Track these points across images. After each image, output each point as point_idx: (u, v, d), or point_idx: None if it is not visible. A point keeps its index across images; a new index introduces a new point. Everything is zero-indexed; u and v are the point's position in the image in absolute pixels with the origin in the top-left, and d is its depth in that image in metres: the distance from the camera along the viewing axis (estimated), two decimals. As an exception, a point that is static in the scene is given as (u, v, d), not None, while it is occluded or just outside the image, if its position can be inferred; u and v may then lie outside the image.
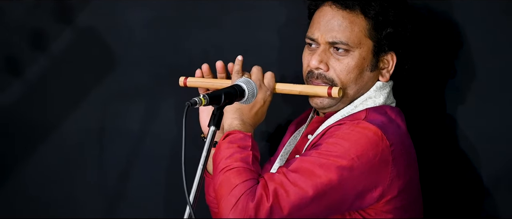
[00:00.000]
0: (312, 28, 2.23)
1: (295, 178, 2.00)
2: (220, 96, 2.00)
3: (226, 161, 2.05)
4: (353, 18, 2.18)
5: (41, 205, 3.06)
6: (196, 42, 2.78)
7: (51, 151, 3.03)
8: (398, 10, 2.19)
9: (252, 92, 2.10)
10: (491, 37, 2.34)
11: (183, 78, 2.35)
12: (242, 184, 2.00)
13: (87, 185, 2.99)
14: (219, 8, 2.74)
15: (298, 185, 1.99)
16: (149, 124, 2.87)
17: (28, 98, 3.05)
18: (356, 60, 2.18)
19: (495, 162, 2.35)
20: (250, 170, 2.04)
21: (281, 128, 2.65)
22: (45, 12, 2.97)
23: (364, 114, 2.17)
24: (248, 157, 2.06)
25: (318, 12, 2.24)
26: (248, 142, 2.10)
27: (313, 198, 1.99)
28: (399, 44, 2.20)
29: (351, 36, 2.17)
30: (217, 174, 2.06)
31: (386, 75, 2.23)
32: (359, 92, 2.22)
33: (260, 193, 1.98)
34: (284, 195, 1.98)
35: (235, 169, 2.03)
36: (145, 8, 2.85)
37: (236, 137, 2.10)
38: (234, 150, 2.07)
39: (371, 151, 2.03)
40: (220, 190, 2.03)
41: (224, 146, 2.09)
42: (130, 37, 2.89)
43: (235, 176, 2.02)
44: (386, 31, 2.18)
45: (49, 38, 2.99)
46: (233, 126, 2.13)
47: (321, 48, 2.20)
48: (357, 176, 2.02)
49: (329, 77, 2.19)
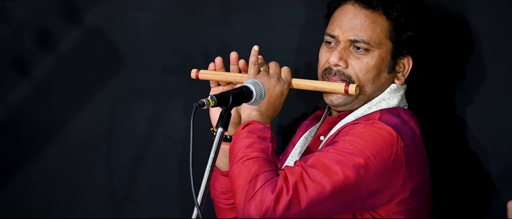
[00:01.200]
0: (333, 25, 2.23)
1: (313, 173, 1.99)
2: (228, 98, 2.00)
3: (246, 150, 2.04)
4: (376, 18, 2.19)
5: (48, 205, 3.06)
6: (203, 42, 2.78)
7: (58, 151, 3.03)
8: (420, 14, 2.20)
9: (260, 93, 2.10)
10: (501, 40, 2.34)
11: (195, 71, 2.35)
12: (262, 174, 1.99)
13: (94, 185, 2.99)
14: (227, 8, 2.73)
15: (317, 181, 1.98)
16: (157, 125, 2.87)
17: (36, 98, 3.05)
18: (376, 60, 2.18)
19: (505, 163, 2.34)
20: (270, 161, 2.04)
21: (291, 127, 2.64)
22: (53, 12, 2.97)
23: (379, 114, 2.17)
24: (268, 148, 2.06)
25: (340, 10, 2.24)
26: (267, 133, 2.09)
27: (330, 194, 1.99)
28: (417, 49, 2.21)
29: (373, 36, 2.18)
30: (235, 162, 2.04)
31: (402, 78, 2.24)
32: (375, 93, 2.22)
33: (281, 185, 1.97)
34: (303, 189, 1.98)
35: (254, 159, 2.02)
36: (152, 8, 2.84)
37: (256, 127, 2.09)
38: (253, 140, 2.06)
39: (386, 151, 2.04)
40: (238, 179, 2.01)
41: (243, 135, 2.08)
42: (137, 37, 2.88)
43: (255, 166, 2.01)
44: (406, 34, 2.19)
45: (56, 38, 2.99)
46: (252, 116, 2.13)
47: (341, 46, 2.20)
48: (372, 175, 2.02)
49: (347, 74, 2.19)
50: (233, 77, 2.30)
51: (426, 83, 2.35)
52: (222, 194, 2.35)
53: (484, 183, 2.35)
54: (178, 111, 2.81)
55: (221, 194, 2.35)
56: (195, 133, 1.90)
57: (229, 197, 2.33)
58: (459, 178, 2.40)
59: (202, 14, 2.79)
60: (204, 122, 2.34)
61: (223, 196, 2.35)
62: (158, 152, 2.87)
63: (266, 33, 2.67)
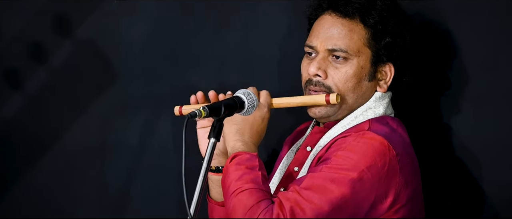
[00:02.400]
0: (311, 36, 2.24)
1: (309, 195, 1.99)
2: (220, 108, 2.01)
3: (237, 183, 2.03)
4: (353, 26, 2.19)
5: (42, 216, 3.05)
6: (195, 55, 2.78)
7: (52, 164, 3.02)
8: (397, 21, 2.20)
9: (252, 103, 2.10)
10: (485, 46, 2.35)
11: (178, 107, 2.31)
12: (256, 205, 1.99)
13: (88, 198, 2.98)
14: (218, 21, 2.74)
15: (313, 202, 1.98)
16: (150, 136, 2.87)
17: (29, 112, 3.05)
18: (355, 68, 2.19)
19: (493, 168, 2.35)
20: (262, 190, 2.03)
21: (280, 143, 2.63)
22: (44, 25, 2.98)
23: (367, 124, 2.17)
24: (257, 177, 2.05)
25: (318, 21, 2.25)
26: (255, 162, 2.08)
27: (328, 213, 1.98)
28: (397, 55, 2.21)
29: (350, 44, 2.18)
30: (229, 197, 2.04)
31: (384, 86, 2.23)
32: (358, 101, 2.22)
33: (277, 212, 1.97)
34: (301, 213, 1.97)
35: (247, 190, 2.01)
36: (144, 21, 2.85)
37: (242, 158, 2.08)
38: (242, 171, 2.05)
39: (379, 162, 2.04)
40: (234, 213, 2.02)
41: (232, 168, 2.07)
42: (129, 49, 2.89)
43: (248, 197, 2.00)
44: (384, 41, 2.19)
45: (48, 51, 2.99)
46: (236, 147, 2.12)
47: (320, 56, 2.21)
48: (368, 187, 2.02)
49: (327, 85, 2.20)
50: None
51: (411, 90, 2.36)
52: None
53: (473, 189, 2.36)
54: (171, 123, 2.81)
55: None
56: (188, 144, 1.91)
57: None
58: (447, 184, 2.41)
59: (194, 27, 2.79)
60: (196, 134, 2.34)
61: None
62: (152, 163, 2.87)
63: (257, 44, 2.69)
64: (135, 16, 2.87)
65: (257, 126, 2.16)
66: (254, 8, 2.70)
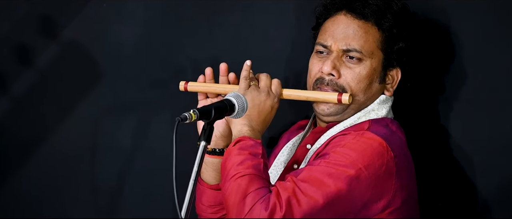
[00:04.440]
0: (325, 35, 2.25)
1: (306, 187, 2.00)
2: (210, 111, 2.01)
3: (237, 168, 2.04)
4: (368, 28, 2.21)
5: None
6: (188, 54, 2.78)
7: (41, 166, 3.02)
8: (411, 26, 2.23)
9: (242, 107, 2.11)
10: (480, 49, 2.37)
11: (184, 83, 2.34)
12: (255, 192, 2.00)
13: (78, 200, 2.98)
14: (210, 22, 2.74)
15: (309, 195, 2.00)
16: (141, 139, 2.87)
17: (16, 114, 3.04)
18: (368, 70, 2.21)
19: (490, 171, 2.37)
20: (262, 178, 2.04)
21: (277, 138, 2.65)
22: (31, 27, 2.97)
23: (367, 124, 2.19)
24: (259, 164, 2.06)
25: (332, 20, 2.26)
26: (259, 149, 2.10)
27: (323, 207, 2.00)
28: (407, 60, 2.24)
29: (365, 45, 2.20)
30: (227, 180, 2.04)
31: (390, 90, 2.27)
32: (367, 103, 2.24)
33: (274, 202, 1.98)
34: (296, 204, 1.99)
35: (247, 176, 2.02)
36: (134, 21, 2.84)
37: (247, 144, 2.09)
38: (245, 156, 2.06)
39: (377, 162, 2.06)
40: (230, 197, 2.02)
41: (235, 152, 2.08)
42: (120, 50, 2.89)
43: (248, 183, 2.01)
44: (398, 46, 2.22)
45: (35, 53, 2.98)
46: (243, 132, 2.13)
47: (334, 55, 2.22)
48: (364, 186, 2.04)
49: (340, 84, 2.22)
50: (223, 88, 2.30)
51: (410, 93, 2.38)
52: (209, 208, 2.35)
53: (468, 190, 2.38)
54: (163, 124, 2.81)
55: (208, 208, 2.35)
56: (179, 146, 1.92)
57: (216, 211, 2.34)
58: (442, 186, 2.43)
59: (185, 27, 2.79)
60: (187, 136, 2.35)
61: (210, 210, 2.35)
62: (143, 166, 2.87)
63: (254, 43, 2.68)
64: (125, 15, 2.85)
65: (266, 114, 2.18)
66: (247, 8, 2.70)
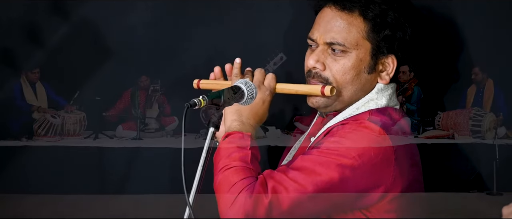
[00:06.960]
0: (313, 29, 2.25)
1: (295, 175, 2.02)
2: (220, 97, 2.02)
3: (225, 160, 2.08)
4: (352, 19, 2.20)
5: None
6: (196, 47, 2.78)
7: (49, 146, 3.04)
8: (397, 13, 2.20)
9: (251, 93, 2.12)
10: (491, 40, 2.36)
11: (197, 81, 2.37)
12: (240, 182, 2.03)
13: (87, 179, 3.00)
14: (220, 15, 2.74)
15: (298, 182, 2.01)
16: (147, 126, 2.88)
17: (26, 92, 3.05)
18: (353, 61, 2.19)
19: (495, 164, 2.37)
20: (248, 169, 2.07)
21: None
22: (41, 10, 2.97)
23: (367, 115, 2.18)
24: (246, 156, 2.09)
25: (320, 13, 2.25)
26: (247, 141, 2.12)
27: (313, 195, 2.01)
28: (398, 47, 2.22)
29: (348, 38, 2.19)
30: (216, 173, 2.09)
31: (386, 78, 2.23)
32: (358, 94, 2.22)
33: (258, 189, 2.01)
34: (284, 191, 2.01)
35: (233, 168, 2.06)
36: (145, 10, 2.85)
37: (235, 137, 2.12)
38: (232, 149, 2.10)
39: (372, 150, 2.06)
40: (219, 189, 2.06)
41: (223, 146, 2.12)
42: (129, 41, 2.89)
43: (234, 174, 2.05)
44: (383, 34, 2.19)
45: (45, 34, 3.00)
46: (232, 127, 2.16)
47: (319, 48, 2.22)
48: (359, 175, 2.04)
49: (324, 76, 2.21)
50: None
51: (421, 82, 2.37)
52: None
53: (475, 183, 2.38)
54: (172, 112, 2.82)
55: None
56: (187, 131, 1.92)
57: None
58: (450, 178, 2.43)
59: (189, 21, 2.79)
60: (196, 122, 2.36)
61: None
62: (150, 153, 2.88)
63: (259, 37, 2.69)
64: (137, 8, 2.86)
65: (257, 108, 2.19)
66: (251, 3, 2.70)
